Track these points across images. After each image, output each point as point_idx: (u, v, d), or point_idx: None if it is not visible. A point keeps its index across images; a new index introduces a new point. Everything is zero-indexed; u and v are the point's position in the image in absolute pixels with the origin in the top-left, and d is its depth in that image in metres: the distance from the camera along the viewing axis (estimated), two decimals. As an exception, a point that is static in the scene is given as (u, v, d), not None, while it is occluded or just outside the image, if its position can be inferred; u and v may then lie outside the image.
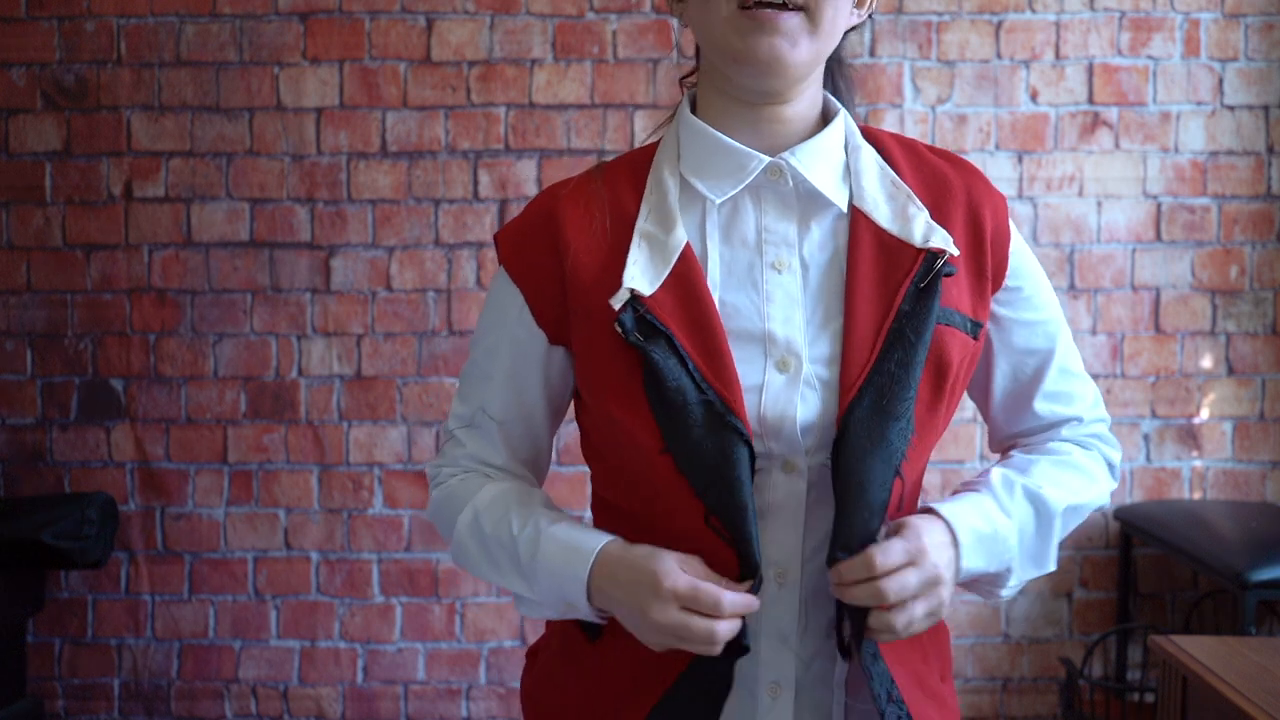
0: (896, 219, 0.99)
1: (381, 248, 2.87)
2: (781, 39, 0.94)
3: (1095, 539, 2.90)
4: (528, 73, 2.86)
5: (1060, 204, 2.87)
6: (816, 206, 1.01)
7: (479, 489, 1.06)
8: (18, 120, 2.87)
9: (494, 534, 1.02)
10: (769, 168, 1.00)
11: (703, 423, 0.92)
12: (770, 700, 0.99)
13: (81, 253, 2.88)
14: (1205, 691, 1.65)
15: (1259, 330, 2.89)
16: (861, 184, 1.01)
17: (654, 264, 0.98)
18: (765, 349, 0.96)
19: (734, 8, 0.94)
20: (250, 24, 2.85)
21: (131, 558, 2.89)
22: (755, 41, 0.94)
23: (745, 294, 0.98)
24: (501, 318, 1.06)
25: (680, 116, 1.06)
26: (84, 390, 2.89)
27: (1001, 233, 1.04)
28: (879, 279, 0.97)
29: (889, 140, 1.07)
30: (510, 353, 1.05)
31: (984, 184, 1.06)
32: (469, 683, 2.90)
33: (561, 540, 0.98)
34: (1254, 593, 2.31)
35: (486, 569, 1.04)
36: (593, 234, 1.01)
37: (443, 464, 1.12)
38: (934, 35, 2.86)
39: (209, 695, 2.90)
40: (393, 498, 2.88)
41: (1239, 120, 2.88)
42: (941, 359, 0.96)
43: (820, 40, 0.97)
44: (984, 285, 1.02)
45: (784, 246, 1.00)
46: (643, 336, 0.94)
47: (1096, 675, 2.85)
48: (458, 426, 1.11)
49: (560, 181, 1.09)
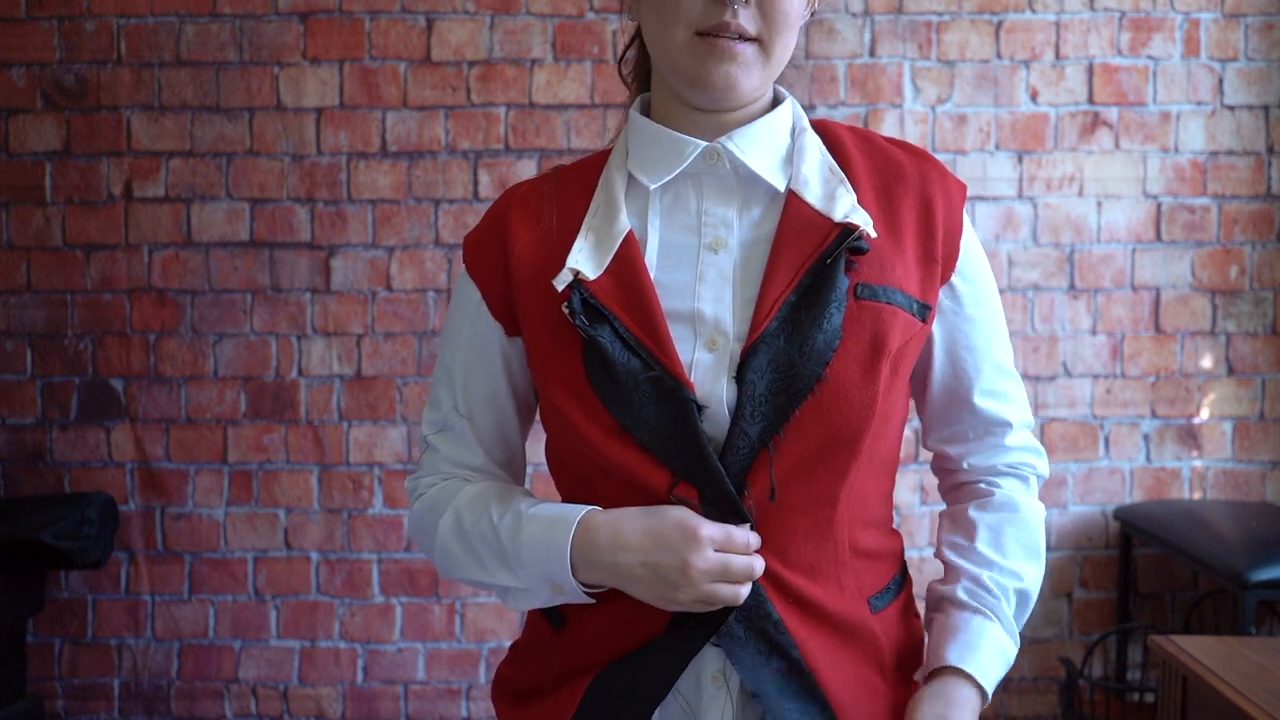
0: (825, 199, 1.01)
1: (381, 248, 2.87)
2: (737, 67, 0.98)
3: (1095, 539, 2.90)
4: (528, 73, 2.86)
5: (1060, 204, 2.87)
6: (755, 188, 1.04)
7: (459, 491, 1.08)
8: (18, 120, 2.87)
9: (475, 529, 1.03)
10: (706, 152, 1.02)
11: (655, 397, 0.95)
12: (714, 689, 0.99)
13: (81, 253, 2.88)
14: (1205, 691, 1.65)
15: (1259, 330, 2.89)
16: (800, 166, 1.04)
17: (598, 252, 1.01)
18: (695, 328, 0.99)
19: (691, 34, 0.98)
20: (250, 24, 2.85)
21: (131, 558, 2.89)
22: (711, 68, 0.98)
23: (680, 274, 1.01)
24: (464, 316, 1.10)
25: (630, 118, 1.09)
26: (84, 390, 2.89)
27: (954, 221, 1.05)
28: (795, 254, 0.99)
29: (841, 130, 1.09)
30: (473, 347, 1.09)
31: (939, 172, 1.06)
32: (469, 683, 2.90)
33: (541, 517, 0.99)
34: (1254, 593, 2.31)
35: (470, 567, 1.05)
36: (539, 229, 1.05)
37: (421, 475, 1.13)
38: (934, 35, 2.86)
39: (209, 695, 2.91)
40: (393, 498, 2.88)
41: (1239, 120, 2.88)
42: (878, 336, 0.97)
43: (772, 67, 1.01)
44: (933, 270, 1.03)
45: (722, 227, 1.02)
46: (588, 321, 0.97)
47: (1096, 675, 2.85)
48: (431, 432, 1.12)
49: (517, 183, 1.14)
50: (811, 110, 2.85)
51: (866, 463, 1.00)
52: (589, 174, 1.09)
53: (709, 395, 0.96)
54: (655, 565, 0.93)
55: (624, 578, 0.95)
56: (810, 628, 0.98)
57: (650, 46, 1.04)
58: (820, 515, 0.98)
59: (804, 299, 0.96)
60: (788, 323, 0.96)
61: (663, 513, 0.94)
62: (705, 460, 0.94)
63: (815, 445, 0.95)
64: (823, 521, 0.99)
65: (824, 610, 0.99)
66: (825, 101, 2.86)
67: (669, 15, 0.98)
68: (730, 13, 0.96)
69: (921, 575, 2.88)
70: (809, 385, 0.94)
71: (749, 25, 0.98)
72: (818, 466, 0.96)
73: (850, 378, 0.95)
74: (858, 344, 0.96)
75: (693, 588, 0.93)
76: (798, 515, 0.98)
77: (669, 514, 0.94)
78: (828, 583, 0.99)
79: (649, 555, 0.93)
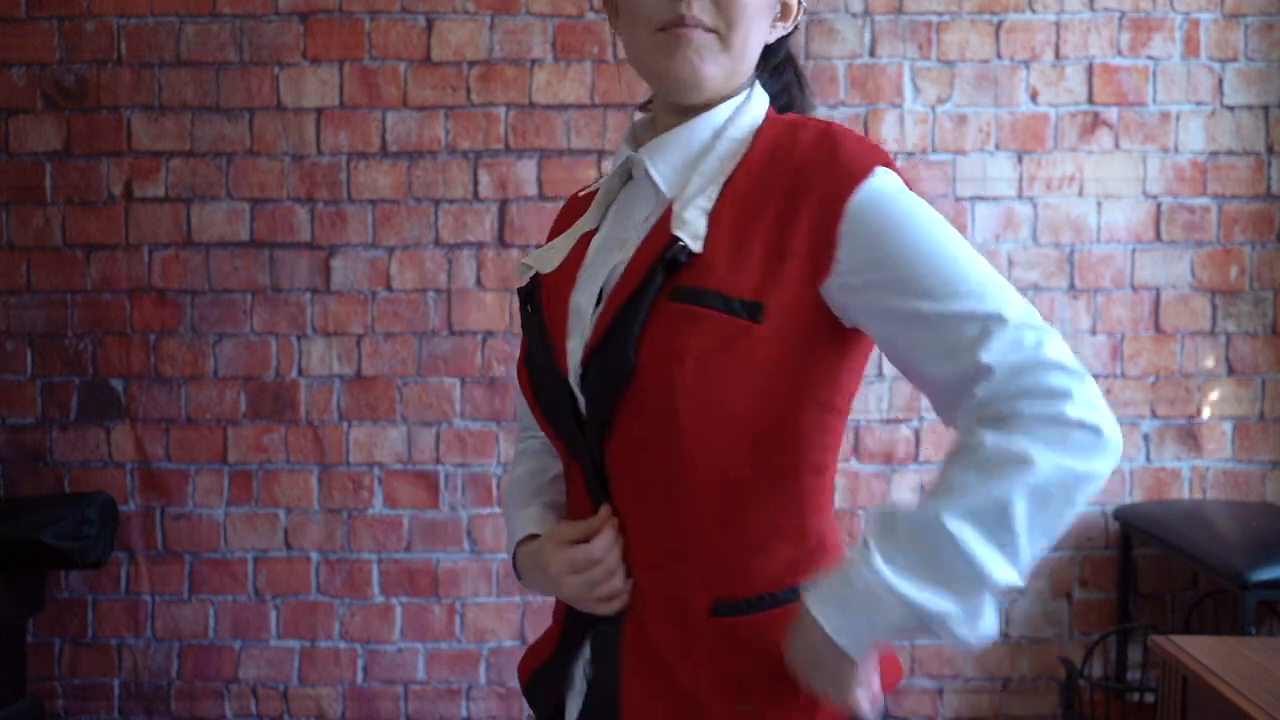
0: (685, 206, 1.05)
1: (381, 248, 2.87)
2: (695, 54, 1.05)
3: (1095, 539, 2.90)
4: (528, 73, 2.86)
5: (1060, 204, 2.87)
6: (658, 193, 1.11)
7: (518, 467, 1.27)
8: (18, 120, 2.87)
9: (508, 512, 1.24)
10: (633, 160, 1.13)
11: (546, 379, 1.09)
12: None
13: (81, 253, 2.88)
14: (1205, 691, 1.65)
15: (1259, 330, 2.89)
16: (692, 172, 1.09)
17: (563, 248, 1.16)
18: (574, 318, 1.09)
19: (653, 29, 1.05)
20: (250, 24, 2.85)
21: (131, 558, 2.89)
22: (671, 60, 1.05)
23: (592, 271, 1.12)
24: None
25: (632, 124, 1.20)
26: (84, 390, 2.89)
27: (829, 206, 0.98)
28: (644, 259, 1.05)
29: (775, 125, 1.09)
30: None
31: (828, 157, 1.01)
32: (469, 683, 2.90)
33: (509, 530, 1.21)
34: (1254, 593, 2.31)
35: None
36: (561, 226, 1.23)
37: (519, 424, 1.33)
38: (934, 35, 2.86)
39: (209, 695, 2.91)
40: (393, 498, 2.88)
41: (1239, 120, 2.88)
42: (671, 337, 0.99)
43: (732, 58, 1.07)
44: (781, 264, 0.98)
45: (632, 228, 1.12)
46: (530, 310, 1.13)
47: (1096, 675, 2.85)
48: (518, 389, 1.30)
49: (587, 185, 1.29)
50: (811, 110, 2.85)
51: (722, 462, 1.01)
52: None
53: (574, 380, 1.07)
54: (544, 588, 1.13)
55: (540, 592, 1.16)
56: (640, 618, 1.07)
57: (627, 54, 1.11)
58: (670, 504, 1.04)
59: (632, 302, 1.03)
60: (618, 322, 1.03)
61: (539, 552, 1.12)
62: (576, 444, 1.08)
63: (638, 437, 1.03)
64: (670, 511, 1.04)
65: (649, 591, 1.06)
66: (825, 101, 2.86)
67: (634, 17, 1.07)
68: (685, 5, 1.03)
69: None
70: (624, 382, 1.01)
71: (704, 17, 1.04)
72: (650, 457, 1.03)
73: (651, 375, 1.00)
74: (655, 344, 1.00)
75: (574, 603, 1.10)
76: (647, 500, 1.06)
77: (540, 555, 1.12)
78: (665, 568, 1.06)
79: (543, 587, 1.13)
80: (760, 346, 0.98)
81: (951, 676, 2.90)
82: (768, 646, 1.00)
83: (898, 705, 2.90)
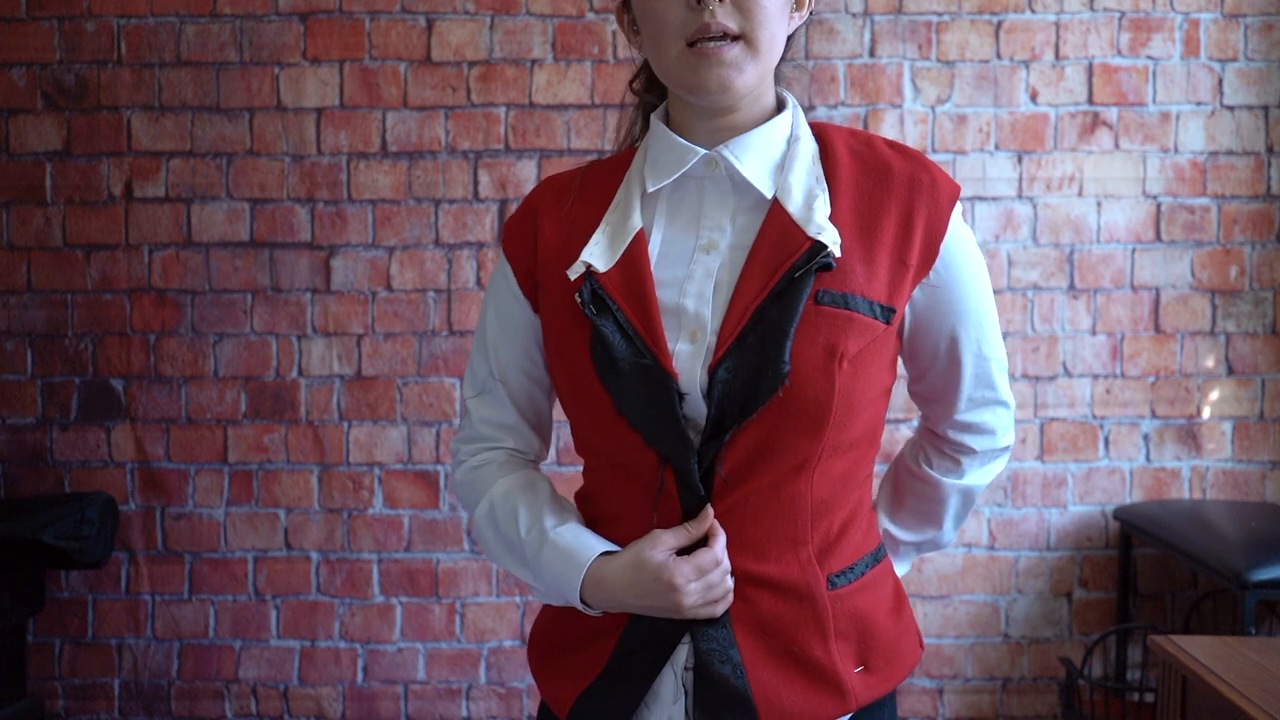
0: (804, 209, 1.09)
1: (381, 248, 2.87)
2: (727, 69, 1.06)
3: (1095, 539, 2.90)
4: (528, 73, 2.86)
5: (1060, 204, 2.87)
6: (747, 195, 1.12)
7: (493, 482, 1.21)
8: (18, 120, 2.87)
9: (505, 531, 1.16)
10: (706, 159, 1.12)
11: (646, 383, 1.05)
12: None
13: (81, 253, 2.88)
14: (1205, 691, 1.65)
15: (1259, 330, 2.90)
16: (788, 175, 1.11)
17: (612, 246, 1.12)
18: (679, 321, 1.08)
19: (682, 47, 1.06)
20: (250, 24, 2.85)
21: (131, 558, 2.89)
22: (704, 75, 1.06)
23: (675, 271, 1.10)
24: (497, 290, 1.22)
25: (651, 124, 1.19)
26: (84, 390, 2.89)
27: (936, 225, 1.11)
28: (769, 261, 1.06)
29: (837, 137, 1.16)
30: (505, 319, 1.21)
31: (930, 177, 1.12)
32: (469, 683, 2.90)
33: (560, 548, 1.11)
34: (1254, 593, 2.31)
35: (501, 560, 1.19)
36: (564, 219, 1.17)
37: (460, 440, 1.27)
38: (934, 35, 2.86)
39: (209, 695, 2.91)
40: (393, 498, 2.88)
41: (1239, 120, 2.88)
42: (833, 339, 1.05)
43: (762, 61, 1.08)
44: (904, 274, 1.10)
45: (716, 230, 1.11)
46: (595, 310, 1.08)
47: (1096, 675, 2.85)
48: (470, 395, 1.25)
49: (555, 174, 1.25)
50: (811, 110, 2.85)
51: (831, 452, 1.09)
52: (616, 171, 1.20)
53: (688, 383, 1.06)
54: (652, 608, 1.08)
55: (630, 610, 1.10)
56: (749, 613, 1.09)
57: (654, 67, 1.13)
58: (782, 497, 1.08)
59: (774, 304, 1.04)
60: (758, 325, 1.04)
61: (645, 565, 1.06)
62: (681, 444, 1.05)
63: (777, 436, 1.05)
64: (784, 503, 1.08)
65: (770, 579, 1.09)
66: (825, 102, 2.86)
67: (660, 35, 1.07)
68: (709, 14, 1.04)
69: (921, 575, 2.88)
70: (774, 385, 1.03)
71: (729, 22, 1.05)
72: (779, 455, 1.06)
73: (809, 378, 1.04)
74: (815, 347, 1.04)
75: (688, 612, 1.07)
76: (760, 496, 1.08)
77: (650, 567, 1.06)
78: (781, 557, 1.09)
79: (644, 602, 1.07)
80: (887, 348, 1.11)
81: (951, 676, 2.90)
82: (868, 609, 1.14)
83: (898, 705, 2.91)
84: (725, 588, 1.07)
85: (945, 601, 2.89)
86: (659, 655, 1.09)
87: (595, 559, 1.09)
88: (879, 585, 1.17)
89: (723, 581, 1.07)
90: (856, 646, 1.12)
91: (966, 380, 1.18)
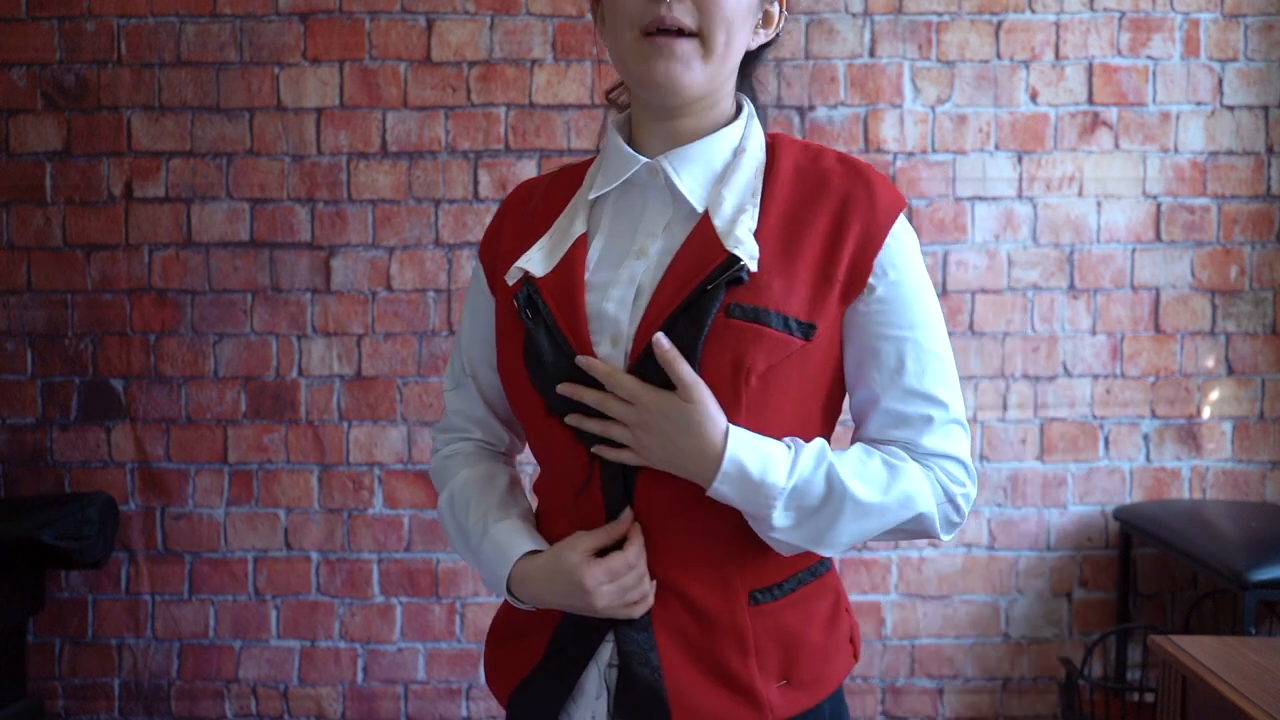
0: (729, 222, 1.08)
1: (381, 248, 2.87)
2: (676, 63, 1.06)
3: (1095, 539, 2.90)
4: (528, 73, 2.86)
5: (1060, 204, 2.87)
6: (683, 204, 1.12)
7: (456, 473, 1.24)
8: (18, 120, 2.87)
9: (460, 519, 1.20)
10: (648, 168, 1.13)
11: None
12: None
13: (81, 253, 2.88)
14: (1205, 691, 1.65)
15: (1259, 330, 2.90)
16: (723, 187, 1.11)
17: (554, 252, 1.13)
18: (602, 325, 1.09)
19: (636, 34, 1.07)
20: (250, 24, 2.85)
21: (131, 558, 2.89)
22: (653, 65, 1.07)
23: (604, 276, 1.11)
24: (472, 288, 1.26)
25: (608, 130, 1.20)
26: (84, 390, 2.89)
27: (870, 240, 1.08)
28: (687, 271, 1.06)
29: (787, 149, 1.15)
30: (476, 317, 1.25)
31: (867, 191, 1.10)
32: (469, 683, 2.90)
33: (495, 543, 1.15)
34: (1254, 593, 2.31)
35: (458, 546, 1.22)
36: (523, 222, 1.20)
37: (438, 429, 1.32)
38: (934, 35, 2.86)
39: (209, 695, 2.91)
40: (393, 498, 2.88)
41: (1239, 120, 2.88)
42: (738, 354, 1.04)
43: (714, 63, 1.08)
44: (828, 289, 1.07)
45: (648, 237, 1.12)
46: (530, 314, 1.10)
47: (1096, 675, 2.85)
48: (448, 389, 1.30)
49: (529, 179, 1.29)
50: (811, 110, 2.85)
51: None
52: (579, 176, 1.22)
53: None
54: (570, 606, 1.10)
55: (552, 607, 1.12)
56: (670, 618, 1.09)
57: (611, 56, 1.13)
58: (702, 506, 1.07)
59: (684, 314, 1.04)
60: (675, 335, 1.04)
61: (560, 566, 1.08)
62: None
63: None
64: (705, 513, 1.08)
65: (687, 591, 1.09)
66: (825, 102, 2.86)
67: (617, 19, 1.08)
68: (665, 7, 1.04)
69: (921, 575, 2.88)
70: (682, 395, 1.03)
71: (685, 19, 1.05)
72: None
73: (714, 390, 1.04)
74: (722, 360, 1.04)
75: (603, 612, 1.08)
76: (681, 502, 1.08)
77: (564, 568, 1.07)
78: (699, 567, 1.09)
79: (561, 601, 1.09)
80: (808, 365, 1.08)
81: (951, 676, 2.90)
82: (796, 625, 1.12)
83: (898, 705, 2.91)
84: (641, 590, 1.08)
85: (945, 601, 2.89)
86: (584, 652, 1.11)
87: (516, 561, 1.12)
88: (812, 601, 1.15)
89: (638, 584, 1.07)
90: (779, 661, 1.11)
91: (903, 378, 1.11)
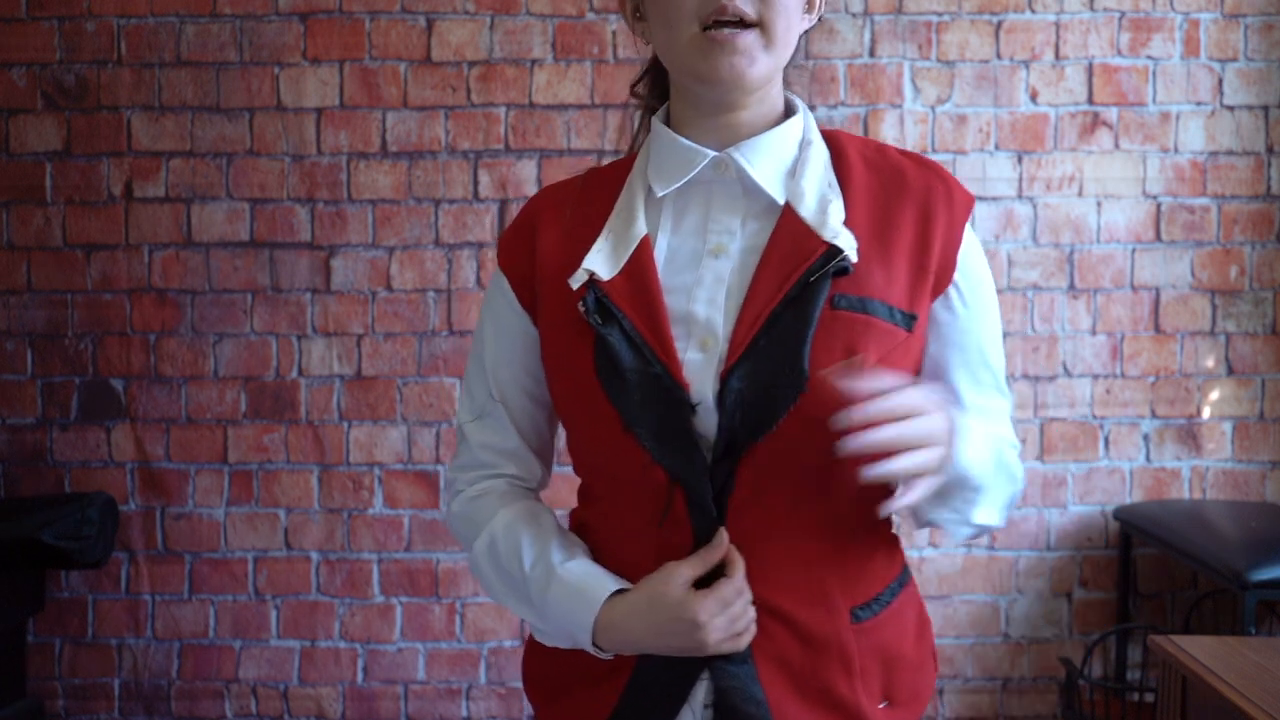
0: (817, 214, 1.04)
1: (381, 248, 2.87)
2: (740, 57, 1.01)
3: (1095, 539, 2.90)
4: (528, 73, 2.86)
5: (1060, 204, 2.87)
6: (757, 199, 1.08)
7: (494, 514, 1.13)
8: (18, 120, 2.87)
9: (507, 566, 1.09)
10: (715, 162, 1.07)
11: (655, 395, 0.99)
12: None
13: (81, 253, 2.88)
14: (1205, 691, 1.65)
15: (1259, 330, 2.90)
16: (800, 179, 1.07)
17: (615, 254, 1.06)
18: (689, 329, 1.02)
19: (695, 30, 1.01)
20: (250, 24, 2.85)
21: (131, 558, 2.89)
22: (716, 62, 1.01)
23: (683, 277, 1.05)
24: (494, 306, 1.16)
25: (653, 127, 1.14)
26: (84, 390, 2.89)
27: (954, 234, 1.07)
28: (783, 266, 1.02)
29: (849, 143, 1.12)
30: (504, 336, 1.14)
31: (944, 186, 1.09)
32: (469, 683, 2.90)
33: (569, 584, 1.04)
34: (1254, 593, 2.31)
35: (501, 596, 1.12)
36: (564, 228, 1.11)
37: (457, 468, 1.19)
38: (934, 35, 2.86)
39: (209, 695, 2.91)
40: (393, 498, 2.88)
41: (1239, 120, 2.88)
42: (849, 345, 0.99)
43: (776, 53, 1.04)
44: (924, 281, 1.05)
45: (725, 234, 1.06)
46: (600, 319, 1.02)
47: (1096, 675, 2.85)
48: (468, 420, 1.18)
49: (553, 183, 1.20)
50: (811, 110, 2.85)
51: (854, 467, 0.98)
52: (616, 177, 1.14)
53: (700, 394, 1.00)
54: (673, 647, 1.00)
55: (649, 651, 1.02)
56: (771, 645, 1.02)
57: (662, 55, 1.08)
58: (801, 519, 1.02)
59: (788, 310, 0.99)
60: (771, 330, 0.99)
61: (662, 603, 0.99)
62: (693, 460, 0.99)
63: (796, 451, 0.99)
64: (803, 526, 1.02)
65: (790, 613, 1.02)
66: (825, 102, 2.86)
67: (673, 16, 1.02)
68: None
69: (921, 575, 2.88)
70: (792, 393, 0.97)
71: (746, 7, 1.00)
72: (798, 472, 1.00)
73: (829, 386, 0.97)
74: (833, 353, 0.99)
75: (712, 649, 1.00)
76: (778, 518, 1.01)
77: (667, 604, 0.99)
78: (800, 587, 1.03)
79: (664, 642, 1.00)
80: (909, 356, 1.05)
81: (951, 676, 2.90)
82: (893, 641, 1.08)
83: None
84: (749, 619, 1.00)
85: (945, 601, 2.89)
86: (676, 694, 1.02)
87: (606, 602, 1.02)
88: (903, 613, 1.11)
89: (746, 612, 1.00)
90: (881, 681, 1.06)
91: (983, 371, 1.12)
